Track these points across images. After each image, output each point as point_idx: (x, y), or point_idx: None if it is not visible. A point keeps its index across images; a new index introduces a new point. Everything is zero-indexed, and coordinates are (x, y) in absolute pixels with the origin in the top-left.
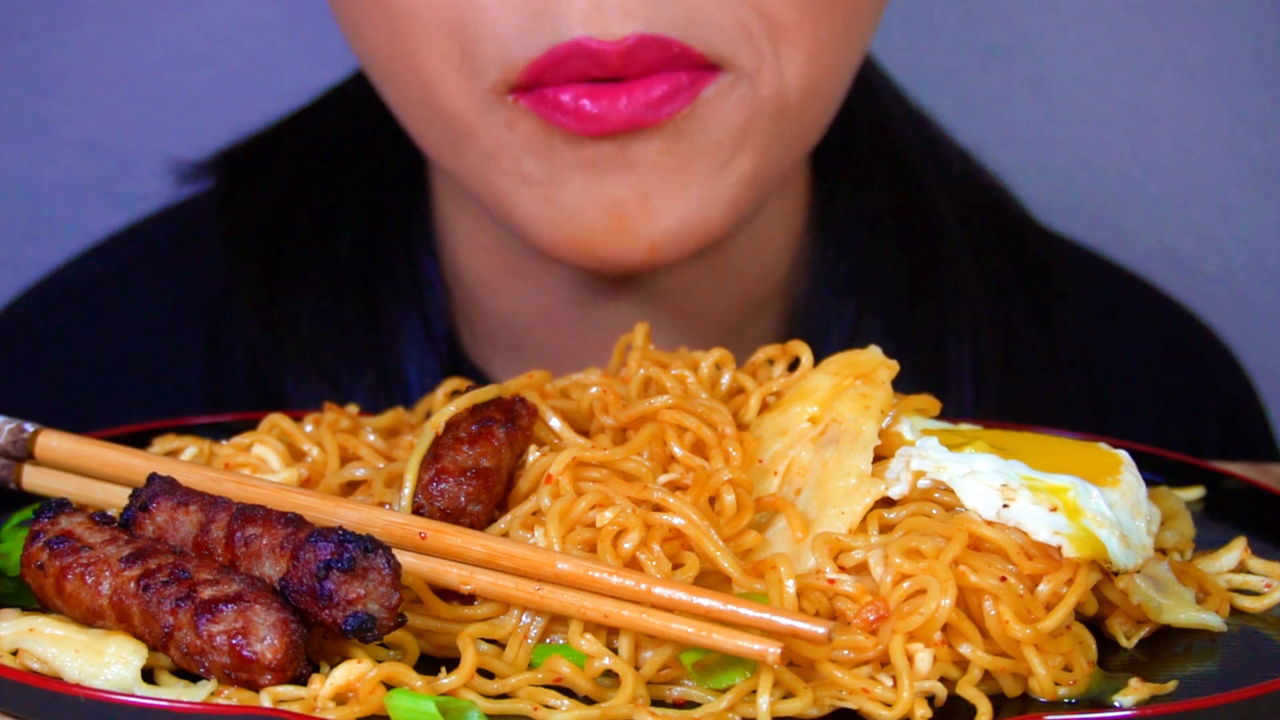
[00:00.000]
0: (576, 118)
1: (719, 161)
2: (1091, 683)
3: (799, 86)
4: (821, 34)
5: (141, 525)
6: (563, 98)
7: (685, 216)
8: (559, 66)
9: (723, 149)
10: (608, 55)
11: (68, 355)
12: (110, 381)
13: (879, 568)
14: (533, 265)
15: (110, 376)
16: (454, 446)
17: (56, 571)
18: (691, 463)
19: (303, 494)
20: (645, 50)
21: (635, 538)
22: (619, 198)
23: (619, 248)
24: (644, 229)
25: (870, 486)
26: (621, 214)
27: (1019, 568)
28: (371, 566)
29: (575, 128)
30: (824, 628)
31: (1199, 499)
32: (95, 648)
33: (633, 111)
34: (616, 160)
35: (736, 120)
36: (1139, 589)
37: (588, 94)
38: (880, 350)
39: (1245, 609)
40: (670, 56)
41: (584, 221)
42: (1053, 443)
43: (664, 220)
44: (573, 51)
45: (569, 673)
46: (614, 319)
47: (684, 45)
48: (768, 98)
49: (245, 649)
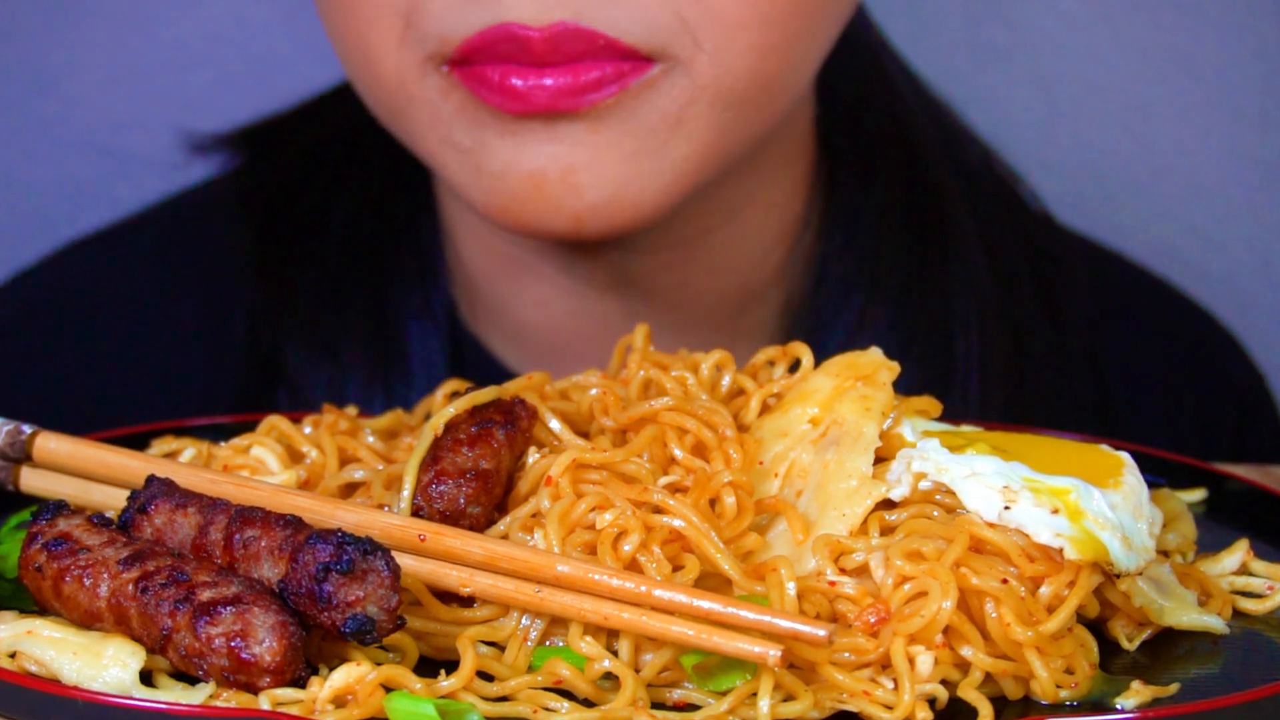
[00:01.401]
0: (502, 94)
1: (652, 146)
2: (1093, 685)
3: (747, 76)
4: (771, 25)
5: (140, 527)
6: (491, 75)
7: (612, 194)
8: (489, 47)
9: (656, 134)
10: (532, 41)
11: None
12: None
13: (880, 570)
14: (528, 255)
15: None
16: (453, 448)
17: (54, 573)
18: (692, 465)
19: (301, 496)
20: (569, 40)
21: (635, 540)
22: (539, 166)
23: (543, 216)
24: (567, 200)
25: (871, 488)
26: (540, 182)
27: (1020, 570)
28: (371, 569)
29: (500, 104)
30: (825, 630)
31: (1201, 501)
32: (93, 650)
33: (556, 94)
34: (540, 133)
35: (668, 108)
36: (1141, 591)
37: (516, 73)
38: (881, 351)
39: (1247, 611)
40: (596, 47)
41: (507, 188)
42: (1054, 444)
43: (588, 195)
44: (501, 34)
45: (569, 675)
46: (607, 309)
47: (610, 38)
48: (705, 87)
49: (244, 651)
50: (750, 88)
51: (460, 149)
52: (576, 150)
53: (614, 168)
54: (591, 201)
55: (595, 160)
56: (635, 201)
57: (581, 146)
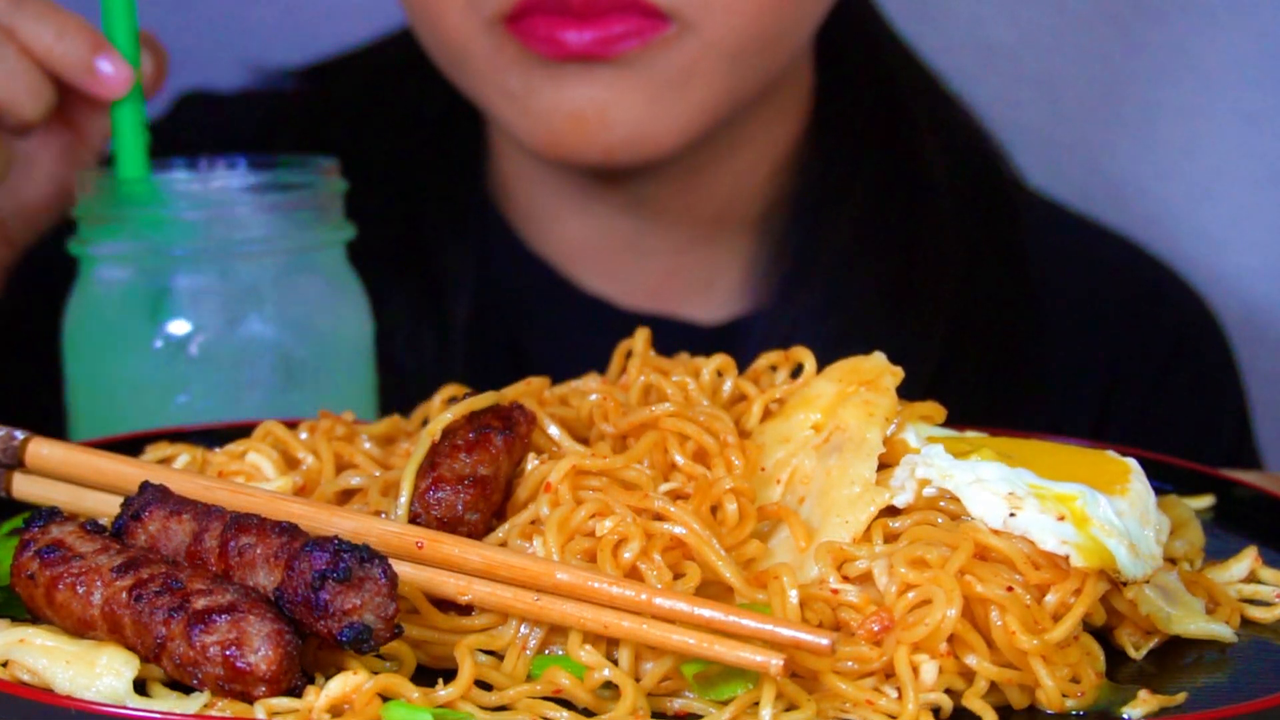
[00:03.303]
0: (547, 43)
1: (669, 92)
2: (1099, 694)
3: (749, 35)
4: None
5: (133, 534)
6: (539, 28)
7: (636, 129)
8: (537, 5)
9: (672, 84)
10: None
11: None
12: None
13: (883, 577)
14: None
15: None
16: (451, 454)
17: (47, 581)
18: (693, 471)
19: (297, 503)
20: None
21: (635, 547)
22: (578, 106)
23: (580, 147)
24: (600, 135)
25: (874, 495)
26: (580, 119)
27: (1026, 577)
28: (367, 576)
29: (545, 52)
30: (827, 638)
31: (1209, 507)
32: (87, 659)
33: (592, 42)
34: (579, 77)
35: (682, 61)
36: (1148, 599)
37: (558, 25)
38: (884, 356)
39: (1256, 619)
40: (624, 5)
41: (551, 124)
42: (1060, 450)
43: (617, 130)
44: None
45: (568, 684)
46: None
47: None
48: (714, 43)
49: (239, 660)
50: (753, 44)
51: (512, 94)
52: (608, 91)
53: (639, 107)
54: (620, 135)
55: (622, 100)
56: (656, 137)
57: (611, 88)
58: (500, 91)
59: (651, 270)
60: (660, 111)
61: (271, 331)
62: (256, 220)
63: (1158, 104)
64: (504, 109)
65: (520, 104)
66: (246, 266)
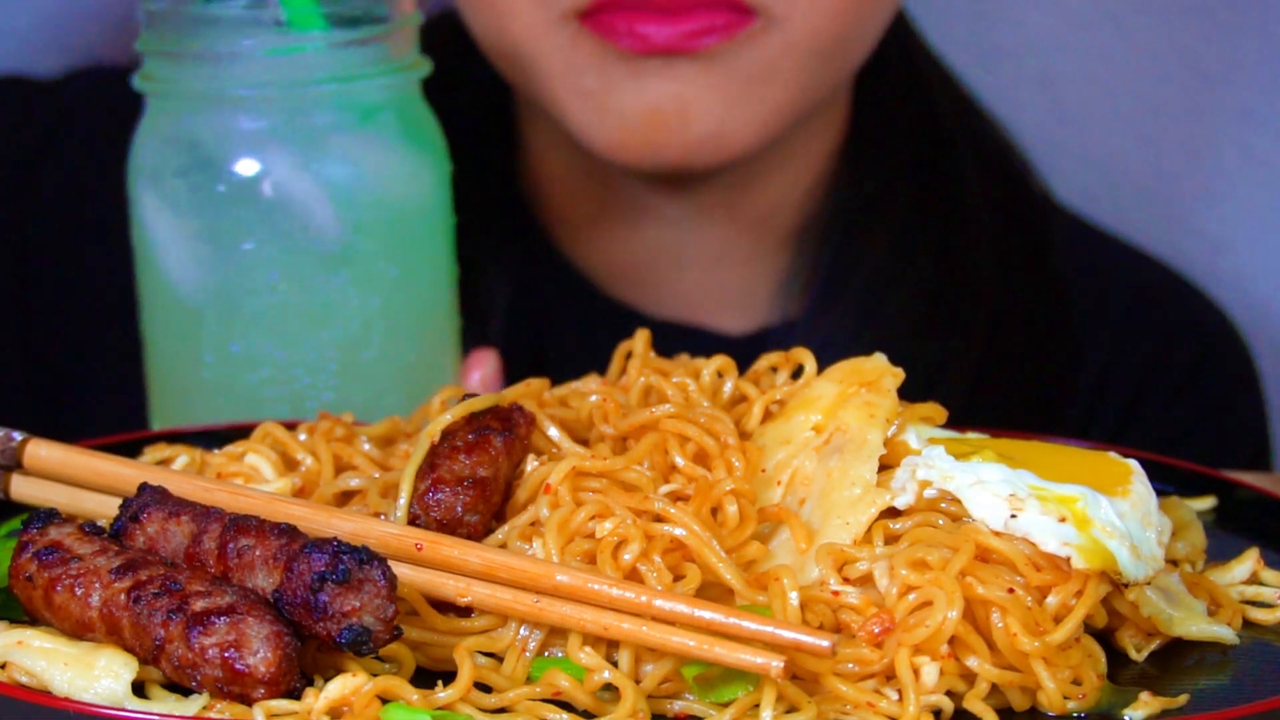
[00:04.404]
0: (630, 38)
1: (750, 89)
2: (1101, 696)
3: (829, 33)
4: None
5: (132, 536)
6: (619, 23)
7: (716, 128)
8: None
9: (754, 80)
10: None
11: None
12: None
13: (884, 579)
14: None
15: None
16: (450, 456)
17: (45, 583)
18: (693, 472)
19: (297, 504)
20: None
21: (636, 549)
22: (658, 102)
23: (658, 148)
24: (678, 134)
25: (875, 496)
26: (659, 116)
27: (1027, 579)
28: (367, 578)
29: (628, 45)
30: (828, 641)
31: (1210, 509)
32: (85, 661)
33: (677, 37)
34: (660, 73)
35: (765, 57)
36: (1149, 601)
37: (640, 19)
38: (885, 357)
39: (1258, 621)
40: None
41: (629, 124)
42: (1062, 451)
43: (696, 128)
44: None
45: (568, 686)
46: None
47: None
48: (797, 41)
49: (238, 662)
50: (831, 44)
51: (588, 93)
52: (689, 87)
53: (719, 105)
54: (698, 134)
55: (703, 96)
56: (735, 136)
57: (693, 85)
58: (574, 91)
59: (686, 282)
60: (739, 111)
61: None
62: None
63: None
64: (577, 110)
65: (597, 101)
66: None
